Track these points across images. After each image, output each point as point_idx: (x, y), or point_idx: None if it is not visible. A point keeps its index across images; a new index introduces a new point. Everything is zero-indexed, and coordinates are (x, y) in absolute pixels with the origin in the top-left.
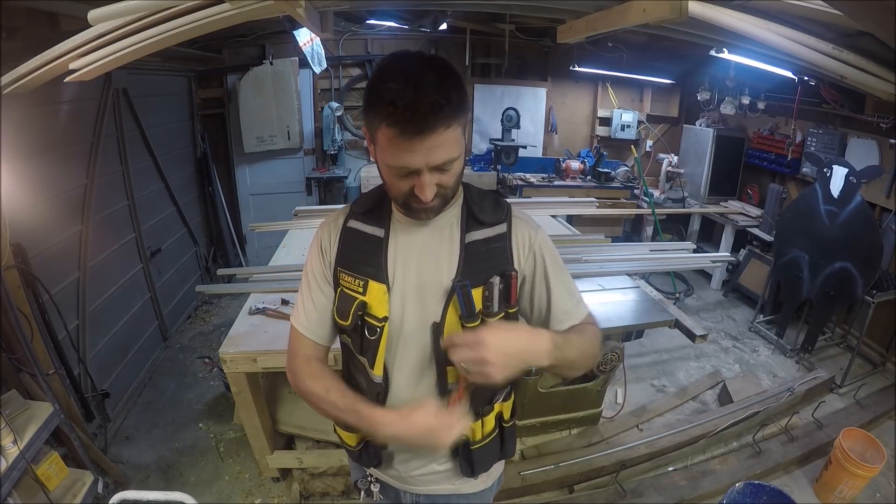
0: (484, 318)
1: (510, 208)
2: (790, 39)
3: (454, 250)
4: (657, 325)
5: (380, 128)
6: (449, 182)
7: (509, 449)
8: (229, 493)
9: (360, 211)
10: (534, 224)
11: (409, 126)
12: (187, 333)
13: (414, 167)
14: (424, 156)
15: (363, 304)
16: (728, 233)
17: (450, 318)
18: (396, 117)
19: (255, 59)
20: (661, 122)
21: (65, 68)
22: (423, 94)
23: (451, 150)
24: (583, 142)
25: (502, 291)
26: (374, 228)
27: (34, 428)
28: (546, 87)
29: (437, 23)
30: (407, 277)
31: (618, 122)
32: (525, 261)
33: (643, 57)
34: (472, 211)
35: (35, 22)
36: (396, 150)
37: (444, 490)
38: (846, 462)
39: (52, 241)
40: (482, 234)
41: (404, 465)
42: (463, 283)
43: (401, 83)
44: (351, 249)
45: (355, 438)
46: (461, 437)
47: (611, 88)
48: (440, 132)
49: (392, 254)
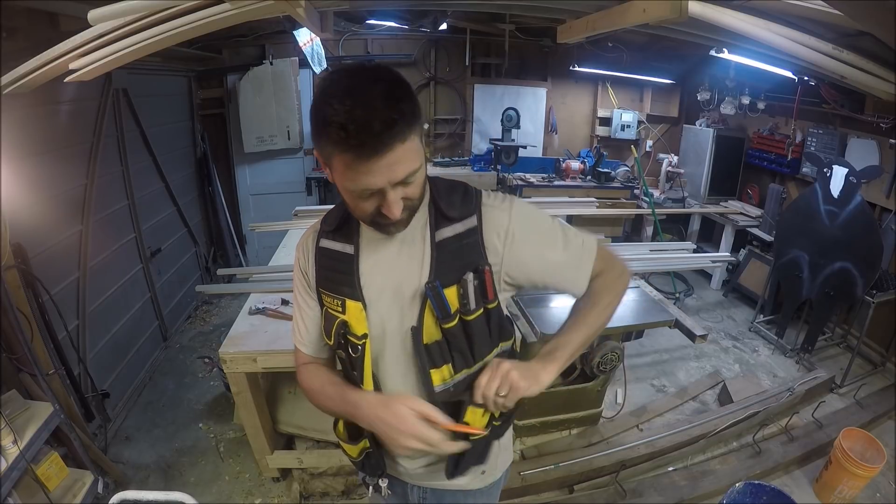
0: (462, 316)
1: (479, 198)
2: (790, 39)
3: (426, 252)
4: (657, 325)
5: (333, 154)
6: (415, 193)
7: (503, 442)
8: (229, 493)
9: (329, 229)
10: (506, 204)
11: (363, 149)
12: (187, 333)
13: (376, 187)
14: (386, 175)
15: (343, 322)
16: (728, 233)
17: (427, 321)
18: (349, 142)
19: (255, 59)
20: (661, 122)
21: (65, 68)
22: (373, 112)
23: (411, 163)
24: (583, 142)
25: (477, 287)
26: (344, 245)
27: (34, 428)
28: (546, 87)
29: (437, 23)
30: (382, 290)
31: (618, 122)
32: (505, 245)
33: (643, 57)
34: (440, 208)
35: (35, 22)
36: (355, 174)
37: (452, 486)
38: (846, 462)
39: (52, 241)
40: (452, 230)
41: (409, 461)
42: (433, 285)
43: (347, 103)
44: (326, 270)
45: (356, 450)
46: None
47: (611, 88)
48: (397, 148)
49: (365, 269)
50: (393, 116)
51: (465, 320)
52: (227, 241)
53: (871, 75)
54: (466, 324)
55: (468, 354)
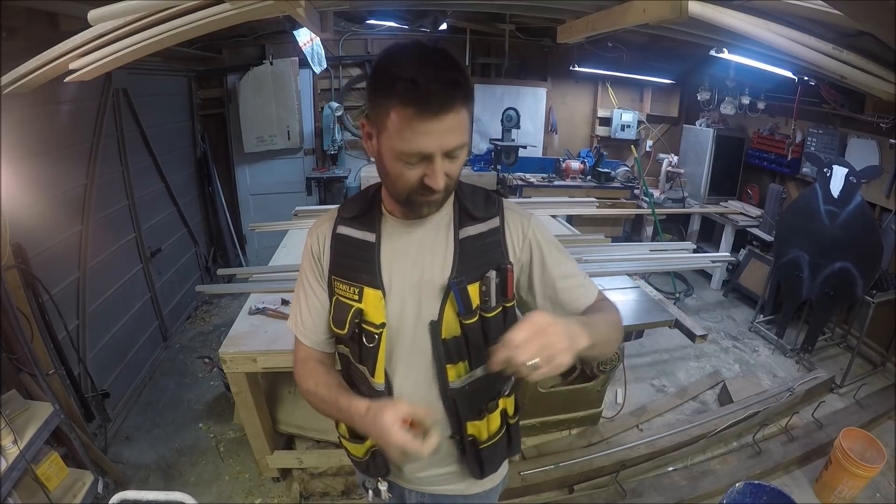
0: (482, 313)
1: (502, 202)
2: (790, 39)
3: (448, 248)
4: (657, 325)
5: (393, 109)
6: (455, 172)
7: (516, 446)
8: (229, 493)
9: (348, 216)
10: (526, 214)
11: (428, 104)
12: (187, 333)
13: (428, 151)
14: (440, 138)
15: (359, 311)
16: (728, 233)
17: (447, 316)
18: (417, 93)
19: (255, 59)
20: (661, 122)
21: (65, 68)
22: (441, 71)
23: (463, 135)
24: (583, 142)
25: (499, 285)
26: (365, 233)
27: (34, 428)
28: (546, 87)
29: (437, 23)
30: (403, 280)
31: (618, 122)
32: (521, 251)
33: (643, 57)
34: (465, 207)
35: (35, 22)
36: (411, 133)
37: (451, 490)
38: (846, 462)
39: (52, 241)
40: (475, 229)
41: (410, 466)
42: (459, 280)
43: (417, 63)
44: (343, 257)
45: (362, 449)
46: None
47: (611, 88)
48: (457, 111)
49: (386, 258)
50: (459, 80)
51: (484, 317)
52: (227, 241)
53: (871, 75)
54: (485, 321)
55: (484, 352)
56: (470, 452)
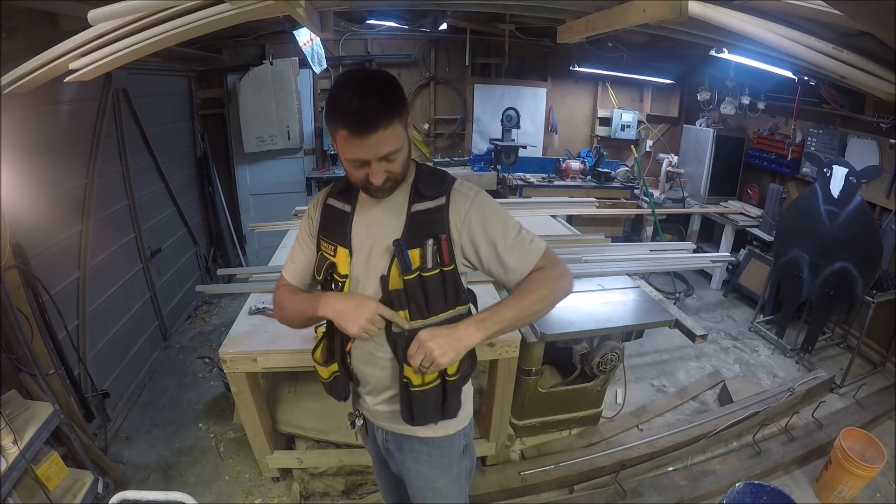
0: (420, 273)
1: (452, 183)
2: (790, 39)
3: (401, 219)
4: (657, 325)
5: (336, 131)
6: (396, 169)
7: (452, 406)
8: (229, 493)
9: (336, 191)
10: (472, 193)
11: (360, 126)
12: (187, 333)
13: (364, 159)
14: (373, 149)
15: (332, 264)
16: (728, 233)
17: (393, 272)
18: (346, 122)
19: (255, 59)
20: (661, 122)
21: (65, 68)
22: (366, 102)
23: (393, 144)
24: (583, 142)
25: (435, 251)
26: (344, 205)
27: (34, 428)
28: (546, 87)
29: (437, 23)
30: (365, 242)
31: (618, 122)
32: (462, 227)
33: (643, 57)
34: (419, 187)
35: (35, 22)
36: (350, 147)
37: (405, 430)
38: (846, 462)
39: (52, 241)
40: (424, 205)
41: (367, 397)
42: (398, 242)
43: (348, 94)
44: (328, 221)
45: (327, 372)
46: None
47: (611, 88)
48: (384, 128)
49: (356, 225)
50: (380, 107)
51: (422, 276)
52: (227, 241)
53: (871, 75)
54: (424, 280)
55: (423, 306)
56: (403, 395)
